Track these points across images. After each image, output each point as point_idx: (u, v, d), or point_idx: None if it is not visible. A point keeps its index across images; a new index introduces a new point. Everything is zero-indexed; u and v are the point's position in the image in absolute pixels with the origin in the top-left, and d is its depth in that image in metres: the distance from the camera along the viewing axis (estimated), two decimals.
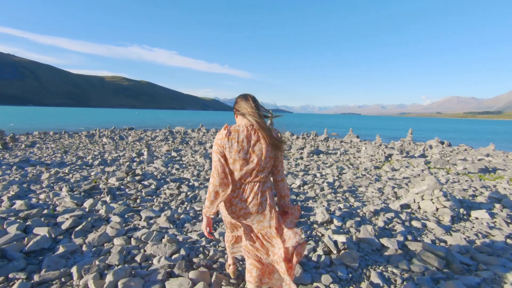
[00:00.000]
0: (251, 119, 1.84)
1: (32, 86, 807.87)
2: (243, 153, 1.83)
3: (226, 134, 1.85)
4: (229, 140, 1.84)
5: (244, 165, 1.85)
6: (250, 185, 1.90)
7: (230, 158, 1.86)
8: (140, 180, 5.75)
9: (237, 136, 1.84)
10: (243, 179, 1.89)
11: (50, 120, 58.41)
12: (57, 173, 6.98)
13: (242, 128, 1.86)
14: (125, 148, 14.82)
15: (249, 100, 1.89)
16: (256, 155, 1.84)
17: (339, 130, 44.82)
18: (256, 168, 1.86)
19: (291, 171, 8.41)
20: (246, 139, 1.84)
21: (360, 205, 4.89)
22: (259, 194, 1.90)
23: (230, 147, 1.83)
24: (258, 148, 1.84)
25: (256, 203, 1.90)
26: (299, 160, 11.33)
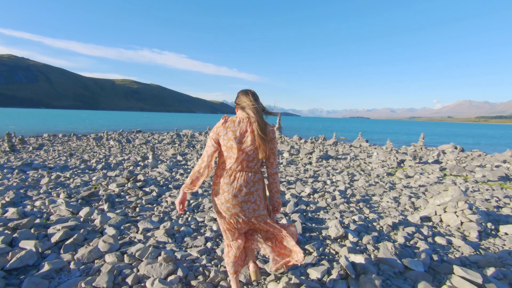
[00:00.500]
0: (249, 111, 1.94)
1: (44, 89, 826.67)
2: (235, 142, 1.92)
3: (222, 123, 1.98)
4: (225, 129, 1.96)
5: (237, 153, 1.93)
6: (241, 174, 1.97)
7: (224, 146, 1.97)
8: (141, 186, 5.49)
9: (233, 126, 1.95)
10: (236, 167, 1.97)
11: (61, 122, 59.28)
12: (58, 177, 6.78)
13: (239, 119, 1.98)
14: (131, 151, 14.68)
15: (249, 95, 1.98)
16: (248, 145, 1.92)
17: (348, 134, 44.15)
18: (247, 158, 1.94)
19: (300, 178, 8.05)
20: (240, 129, 1.94)
21: (376, 217, 4.50)
22: (251, 184, 1.97)
23: (225, 135, 1.95)
24: (250, 138, 1.92)
25: (248, 192, 1.97)
26: (308, 165, 10.95)
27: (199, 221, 3.96)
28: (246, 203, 1.99)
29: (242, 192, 1.96)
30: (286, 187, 6.50)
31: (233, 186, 1.96)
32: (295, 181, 7.40)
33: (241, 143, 1.93)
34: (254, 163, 1.97)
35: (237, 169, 1.97)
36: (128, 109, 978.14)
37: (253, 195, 1.99)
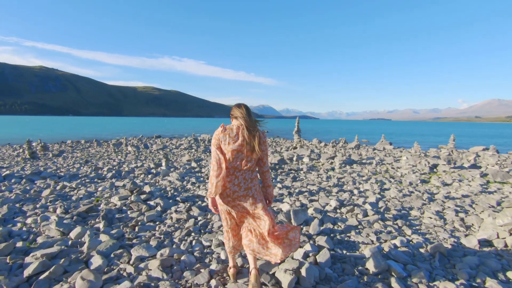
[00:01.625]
0: (241, 121, 2.27)
1: (72, 97, 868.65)
2: (234, 146, 2.23)
3: (222, 130, 2.28)
4: (224, 135, 2.26)
5: (236, 156, 2.25)
6: (241, 172, 2.29)
7: (224, 150, 2.26)
8: (146, 199, 4.94)
9: (231, 132, 2.26)
10: (235, 167, 2.28)
11: (86, 129, 61.36)
12: (64, 187, 6.41)
13: (236, 127, 2.29)
14: (147, 157, 14.40)
15: (242, 108, 2.32)
16: (244, 148, 2.24)
17: (370, 137, 42.34)
18: (245, 158, 2.26)
19: (322, 187, 7.24)
20: (237, 135, 2.25)
21: (421, 240, 3.65)
22: (249, 181, 2.31)
23: (225, 140, 2.25)
24: (245, 143, 2.23)
25: (247, 187, 2.30)
26: (330, 171, 10.09)
27: (205, 246, 3.31)
28: (245, 197, 2.31)
29: (242, 188, 2.29)
30: (308, 198, 5.74)
31: (234, 183, 2.28)
32: (317, 191, 6.62)
33: (239, 146, 2.23)
34: (251, 163, 2.30)
35: (237, 169, 2.28)
36: (150, 115, 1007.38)
37: (251, 190, 2.33)
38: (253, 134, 2.24)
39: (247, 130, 2.23)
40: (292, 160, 13.32)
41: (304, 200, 5.52)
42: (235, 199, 2.29)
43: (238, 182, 2.28)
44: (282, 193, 6.13)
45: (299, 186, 7.17)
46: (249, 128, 2.23)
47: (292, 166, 11.28)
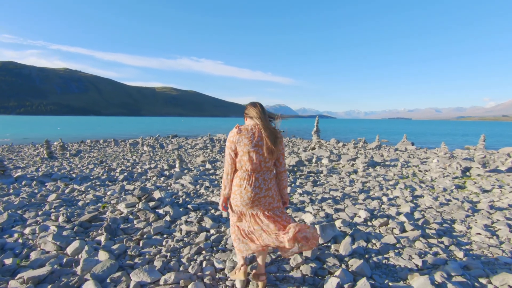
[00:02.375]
0: (257, 120, 2.23)
1: (94, 98, 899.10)
2: (251, 147, 2.18)
3: (237, 132, 2.23)
4: (240, 136, 2.21)
5: (254, 157, 2.20)
6: (260, 173, 2.25)
7: (241, 151, 2.22)
8: (154, 207, 4.51)
9: (246, 133, 2.21)
10: (254, 168, 2.23)
11: (107, 128, 62.90)
12: (72, 191, 6.13)
13: (251, 127, 2.25)
14: (161, 157, 14.17)
15: (257, 106, 2.28)
16: (261, 148, 2.20)
17: (390, 137, 40.75)
18: (263, 159, 2.23)
19: (347, 192, 6.60)
20: (253, 135, 2.20)
21: (479, 266, 2.99)
22: (268, 181, 2.29)
23: (241, 142, 2.20)
24: (262, 143, 2.20)
25: (267, 188, 2.27)
26: (352, 174, 9.39)
27: (218, 268, 2.81)
28: (265, 198, 2.26)
29: (263, 189, 2.24)
30: (332, 207, 5.14)
31: (255, 185, 2.22)
32: (342, 198, 6.00)
33: (256, 147, 2.18)
34: (269, 163, 2.27)
35: (256, 170, 2.23)
36: (167, 114, 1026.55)
37: (271, 190, 2.30)
38: (270, 134, 2.18)
39: (264, 129, 2.17)
40: (311, 162, 12.68)
41: (328, 209, 4.93)
42: (255, 201, 2.24)
43: (259, 184, 2.23)
44: (303, 200, 5.56)
45: (321, 191, 6.57)
46: (266, 127, 2.18)
47: (311, 168, 10.66)
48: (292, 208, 4.84)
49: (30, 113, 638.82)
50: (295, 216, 4.55)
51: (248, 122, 2.31)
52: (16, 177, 7.18)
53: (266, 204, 2.27)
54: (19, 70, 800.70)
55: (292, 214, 4.65)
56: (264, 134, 2.17)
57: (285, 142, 26.17)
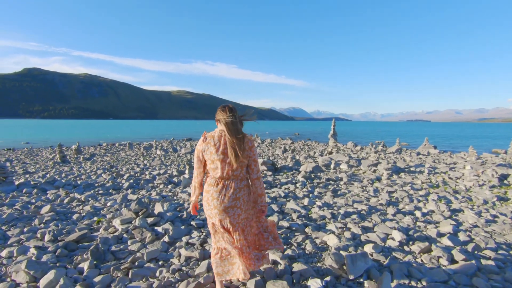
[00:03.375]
0: (223, 126, 2.12)
1: (112, 102, 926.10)
2: (218, 155, 2.10)
3: (203, 140, 2.18)
4: (206, 144, 2.15)
5: (221, 164, 2.10)
6: (228, 182, 2.15)
7: (208, 160, 2.16)
8: (153, 223, 3.95)
9: (212, 141, 2.14)
10: (222, 176, 2.14)
11: (124, 131, 64.05)
12: (71, 200, 5.69)
13: (217, 133, 2.16)
14: (173, 162, 13.76)
15: (225, 110, 2.14)
16: (226, 156, 2.09)
17: (409, 140, 38.98)
18: (230, 167, 2.11)
19: (372, 205, 5.83)
20: (219, 143, 2.12)
21: None
22: (237, 190, 2.16)
23: (207, 150, 2.14)
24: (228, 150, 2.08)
25: (235, 197, 2.14)
26: (376, 182, 8.56)
27: None
28: (233, 208, 2.15)
29: (230, 198, 2.13)
30: (358, 224, 4.41)
31: (222, 193, 2.13)
32: (368, 212, 5.24)
33: (222, 155, 2.10)
34: (238, 171, 2.15)
35: (224, 178, 2.14)
36: (182, 118, 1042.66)
37: (239, 200, 2.17)
38: (236, 140, 2.07)
39: (229, 136, 2.07)
40: (329, 167, 11.90)
41: (354, 227, 4.21)
42: (221, 211, 2.15)
43: (225, 192, 2.14)
44: (324, 215, 4.85)
45: (343, 203, 5.83)
46: (231, 133, 2.07)
47: (330, 174, 9.89)
48: (312, 226, 4.16)
49: (53, 117, 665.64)
50: (315, 236, 3.86)
51: (218, 128, 2.21)
52: (18, 184, 6.86)
53: (235, 216, 2.17)
54: (43, 76, 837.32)
55: (312, 234, 3.96)
56: (229, 140, 2.07)
57: (301, 145, 25.37)
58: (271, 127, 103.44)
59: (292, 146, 24.18)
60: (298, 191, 7.10)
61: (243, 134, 2.13)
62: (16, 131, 63.49)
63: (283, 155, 16.89)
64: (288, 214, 4.95)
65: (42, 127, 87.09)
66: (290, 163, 12.13)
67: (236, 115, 2.13)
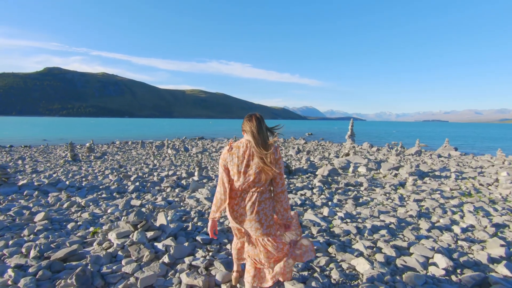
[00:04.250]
0: (249, 137, 2.03)
1: (129, 100, 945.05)
2: (242, 166, 2.03)
3: (228, 150, 2.10)
4: (231, 155, 2.08)
5: (243, 177, 2.04)
6: (249, 195, 2.08)
7: (231, 171, 2.09)
8: (153, 238, 3.46)
9: (238, 151, 2.06)
10: (243, 189, 2.08)
11: (139, 129, 64.77)
12: (71, 205, 5.31)
13: (243, 144, 2.08)
14: (183, 162, 13.37)
15: (253, 121, 2.04)
16: (253, 168, 2.02)
17: (427, 141, 37.34)
18: (254, 180, 2.03)
19: (401, 216, 5.15)
20: (245, 153, 2.04)
21: None
22: (256, 204, 2.07)
23: (231, 160, 2.07)
24: (254, 162, 2.01)
25: (253, 211, 2.07)
26: (399, 188, 7.83)
27: None
28: (250, 222, 2.08)
29: (248, 211, 2.07)
30: (390, 243, 3.77)
31: (241, 206, 2.09)
32: (398, 226, 4.58)
33: (247, 167, 2.02)
34: (260, 184, 2.06)
35: (245, 191, 2.08)
36: (196, 116, 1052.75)
37: (259, 214, 2.08)
38: (262, 152, 1.97)
39: (256, 148, 1.99)
40: (346, 170, 11.20)
41: (386, 247, 3.57)
42: (242, 222, 2.11)
43: (244, 205, 2.08)
44: (348, 229, 4.23)
45: (367, 215, 5.18)
46: (258, 145, 1.98)
47: (348, 179, 9.21)
48: (336, 245, 3.55)
49: (72, 115, 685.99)
50: (341, 259, 3.26)
51: (244, 138, 2.14)
52: (20, 185, 6.57)
53: (253, 230, 2.11)
54: (63, 75, 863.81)
55: (337, 255, 3.37)
56: (255, 152, 2.00)
57: (314, 145, 24.61)
58: (284, 127, 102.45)
59: (305, 146, 23.46)
60: (315, 197, 6.49)
61: (270, 145, 2.02)
62: (35, 128, 65.33)
63: (296, 156, 16.24)
64: (306, 227, 4.36)
65: (60, 125, 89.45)
66: (304, 165, 11.50)
67: (263, 125, 2.04)
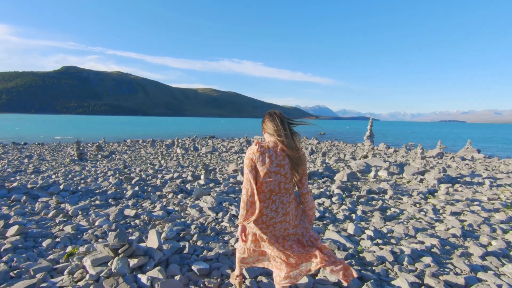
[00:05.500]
0: (277, 138, 1.96)
1: (142, 99, 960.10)
2: (272, 167, 1.95)
3: (257, 149, 1.97)
4: (260, 154, 1.96)
5: (273, 178, 1.97)
6: (278, 196, 2.02)
7: (261, 171, 1.97)
8: (136, 267, 2.73)
9: (268, 152, 1.96)
10: (273, 190, 2.01)
11: (151, 128, 65.07)
12: (57, 214, 4.67)
13: (272, 144, 1.99)
14: (191, 162, 12.73)
15: (276, 120, 1.99)
16: (283, 168, 1.97)
17: (446, 142, 35.57)
18: (284, 181, 1.99)
19: (441, 236, 4.26)
20: (275, 154, 1.96)
21: None
22: (287, 205, 2.05)
23: (262, 160, 1.95)
24: (285, 162, 1.97)
25: (285, 212, 2.04)
26: (430, 198, 6.90)
27: None
28: (281, 223, 2.04)
29: (279, 213, 2.02)
30: (441, 280, 2.91)
31: (272, 208, 2.01)
32: (442, 250, 3.71)
33: (278, 167, 1.96)
34: (290, 185, 2.04)
35: (275, 192, 2.01)
36: (208, 115, 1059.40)
37: (289, 215, 2.07)
38: (293, 153, 1.94)
39: (287, 149, 1.93)
40: (365, 174, 10.27)
41: (437, 285, 2.73)
42: (270, 226, 2.03)
43: (276, 207, 2.02)
44: (382, 256, 3.38)
45: (402, 234, 4.31)
46: (289, 146, 1.93)
47: (370, 184, 8.31)
48: (371, 283, 2.73)
49: (87, 113, 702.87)
50: None
51: (268, 138, 2.06)
52: (10, 188, 6.02)
53: (282, 230, 2.07)
54: (79, 74, 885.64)
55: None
56: (288, 153, 1.95)
57: (327, 145, 23.62)
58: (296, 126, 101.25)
59: (319, 146, 22.51)
60: (335, 208, 5.66)
61: (299, 146, 1.99)
62: (51, 126, 66.59)
63: (310, 157, 15.36)
64: None
65: (76, 123, 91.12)
66: (320, 168, 10.63)
67: (287, 127, 1.98)
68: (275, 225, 2.02)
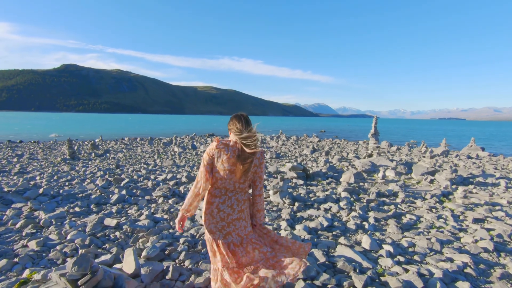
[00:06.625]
0: (238, 138, 2.01)
1: (141, 97, 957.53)
2: (229, 165, 2.00)
3: (217, 146, 2.01)
4: (219, 151, 2.01)
5: (229, 175, 2.01)
6: (233, 193, 2.08)
7: (217, 168, 2.03)
8: None
9: (226, 150, 2.00)
10: (228, 188, 2.06)
11: (151, 126, 64.42)
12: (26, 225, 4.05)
13: (232, 143, 2.04)
14: (187, 162, 12.11)
15: (241, 121, 2.06)
16: (240, 168, 1.99)
17: (448, 140, 34.89)
18: (239, 179, 2.04)
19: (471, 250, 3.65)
20: (232, 152, 2.00)
21: None
22: (242, 202, 2.12)
23: (219, 157, 2.01)
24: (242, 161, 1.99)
25: (240, 209, 2.10)
26: (446, 202, 6.30)
27: None
28: (239, 221, 2.09)
29: (235, 210, 2.07)
30: None
31: (228, 204, 2.06)
32: (477, 271, 3.10)
33: (234, 166, 1.99)
34: (244, 185, 2.09)
35: (230, 189, 2.06)
36: (208, 113, 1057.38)
37: (244, 212, 2.12)
38: (249, 154, 2.00)
39: (246, 149, 1.97)
40: (371, 174, 9.66)
41: None
42: (230, 223, 2.06)
43: (231, 203, 2.07)
44: (410, 281, 2.77)
45: (425, 247, 3.70)
46: (248, 147, 1.97)
47: (378, 186, 7.71)
48: None
49: (87, 110, 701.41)
50: None
51: (231, 137, 2.11)
52: None
53: (242, 228, 2.11)
54: (79, 71, 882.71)
55: None
56: (242, 153, 1.99)
57: (329, 143, 22.99)
58: (295, 123, 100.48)
59: (320, 144, 21.88)
60: (344, 215, 5.04)
61: (257, 148, 2.00)
62: (49, 124, 65.93)
63: (312, 156, 14.74)
64: (344, 272, 2.94)
65: (75, 121, 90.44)
66: (323, 168, 10.03)
67: (251, 128, 2.03)
68: (233, 222, 2.06)
